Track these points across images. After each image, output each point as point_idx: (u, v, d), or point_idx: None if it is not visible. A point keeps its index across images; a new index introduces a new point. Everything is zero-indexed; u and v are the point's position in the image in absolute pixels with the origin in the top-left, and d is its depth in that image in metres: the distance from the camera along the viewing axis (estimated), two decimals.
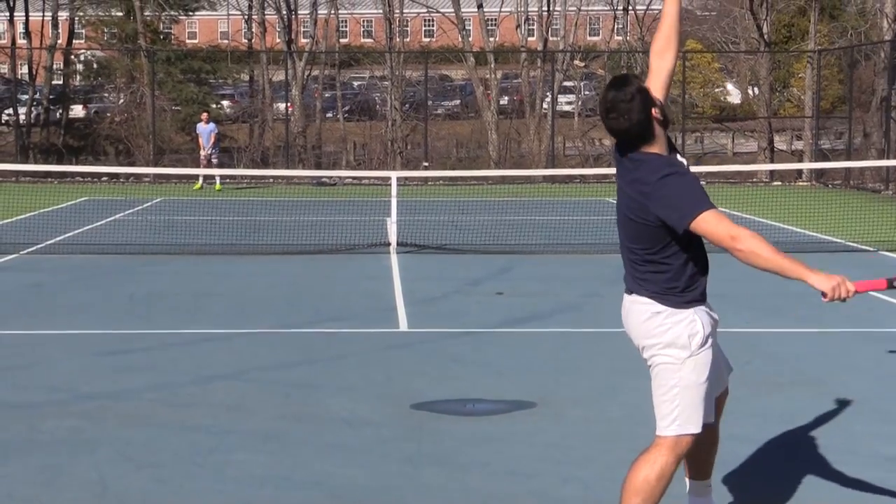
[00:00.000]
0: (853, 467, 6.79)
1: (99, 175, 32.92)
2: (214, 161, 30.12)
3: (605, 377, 9.22)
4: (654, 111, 4.95)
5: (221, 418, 7.88)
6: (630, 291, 5.19)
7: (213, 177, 29.83)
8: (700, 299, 5.12)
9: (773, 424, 7.77)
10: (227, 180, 31.31)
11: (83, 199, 26.16)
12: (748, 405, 8.30)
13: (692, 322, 5.06)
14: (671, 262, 5.03)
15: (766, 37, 37.75)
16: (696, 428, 5.14)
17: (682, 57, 38.68)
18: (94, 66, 44.53)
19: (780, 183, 32.68)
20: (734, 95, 50.98)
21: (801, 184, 32.57)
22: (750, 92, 47.19)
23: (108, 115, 41.89)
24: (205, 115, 30.70)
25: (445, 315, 12.17)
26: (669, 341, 5.09)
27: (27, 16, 42.96)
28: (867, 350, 10.34)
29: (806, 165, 32.78)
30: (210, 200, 26.18)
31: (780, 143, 41.16)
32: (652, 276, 5.08)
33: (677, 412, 5.18)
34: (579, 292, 13.62)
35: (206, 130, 29.97)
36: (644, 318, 5.13)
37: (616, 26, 47.38)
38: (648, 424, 7.70)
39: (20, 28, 44.00)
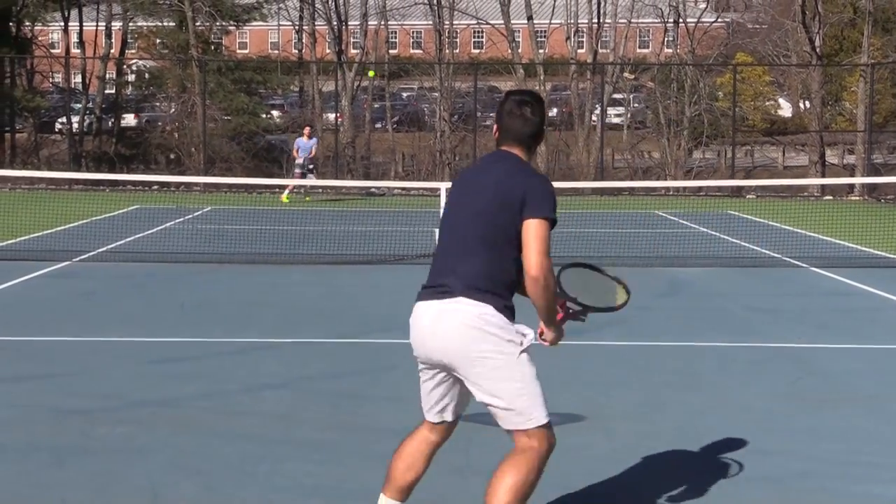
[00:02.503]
0: None
1: (150, 184, 33.20)
2: (310, 175, 28.85)
3: (656, 391, 9.19)
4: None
5: (271, 427, 7.93)
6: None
7: (300, 186, 29.23)
8: None
9: (823, 441, 7.71)
10: (307, 190, 30.80)
11: (134, 207, 26.39)
12: (797, 421, 8.25)
13: None
14: None
15: (818, 50, 37.50)
16: None
17: (734, 70, 38.51)
18: (146, 75, 44.92)
19: (831, 197, 32.42)
20: (785, 109, 50.66)
21: (852, 198, 32.30)
22: (801, 105, 46.86)
23: (160, 124, 42.25)
24: (307, 130, 29.85)
25: None
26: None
27: (81, 26, 43.43)
28: None
29: (858, 180, 32.50)
30: (259, 210, 26.31)
31: (832, 157, 40.84)
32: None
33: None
34: (630, 305, 13.53)
35: (307, 145, 29.03)
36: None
37: (666, 39, 47.21)
38: (699, 441, 7.69)
39: (74, 38, 44.47)
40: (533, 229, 5.13)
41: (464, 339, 5.15)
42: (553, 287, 5.29)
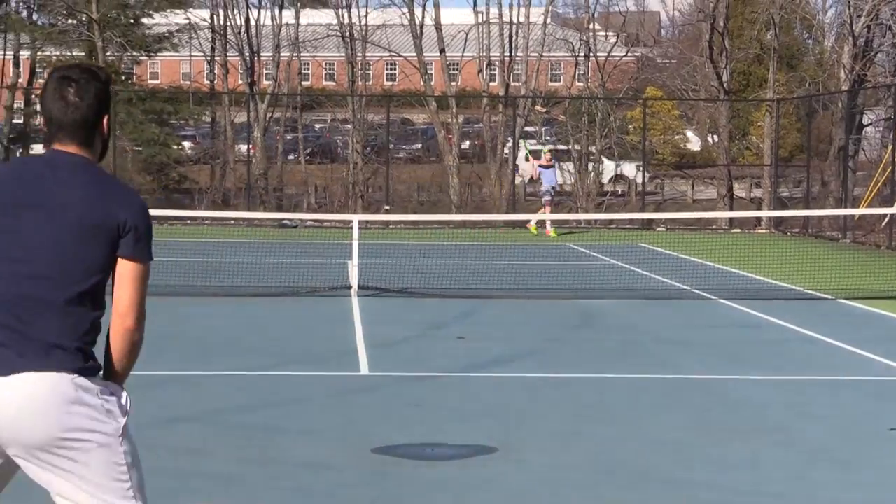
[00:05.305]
0: None
1: None
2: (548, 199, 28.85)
3: (567, 423, 9.24)
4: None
5: (182, 461, 7.84)
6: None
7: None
8: None
9: (732, 471, 7.81)
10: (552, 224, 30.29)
11: None
12: (707, 451, 8.35)
13: None
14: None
15: (725, 85, 38.15)
16: None
17: (643, 104, 39.02)
18: None
19: (739, 230, 32.94)
20: (694, 142, 51.43)
21: (759, 231, 32.84)
22: (709, 139, 47.61)
23: None
24: (547, 156, 29.71)
25: (406, 359, 12.17)
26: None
27: None
28: (825, 397, 10.43)
29: (765, 213, 33.04)
30: (170, 241, 26.08)
31: (740, 190, 41.50)
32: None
33: None
34: (541, 337, 13.65)
35: (548, 171, 29.10)
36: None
37: (577, 73, 47.70)
38: (611, 472, 7.75)
39: None
40: (139, 274, 4.11)
41: (51, 417, 3.90)
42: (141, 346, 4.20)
